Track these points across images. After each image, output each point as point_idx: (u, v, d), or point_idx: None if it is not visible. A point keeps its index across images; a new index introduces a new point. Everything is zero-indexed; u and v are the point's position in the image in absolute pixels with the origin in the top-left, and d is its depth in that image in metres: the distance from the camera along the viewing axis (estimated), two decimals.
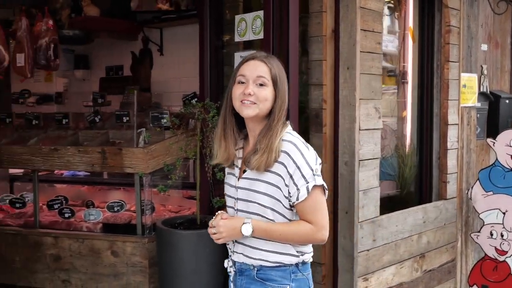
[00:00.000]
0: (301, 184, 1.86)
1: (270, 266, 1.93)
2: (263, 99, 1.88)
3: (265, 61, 1.93)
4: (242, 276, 1.98)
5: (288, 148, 1.87)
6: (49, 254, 3.67)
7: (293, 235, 1.90)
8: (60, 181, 4.47)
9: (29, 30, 4.12)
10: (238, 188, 1.95)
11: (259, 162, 1.85)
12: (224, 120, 1.96)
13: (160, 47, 5.36)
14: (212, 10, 3.60)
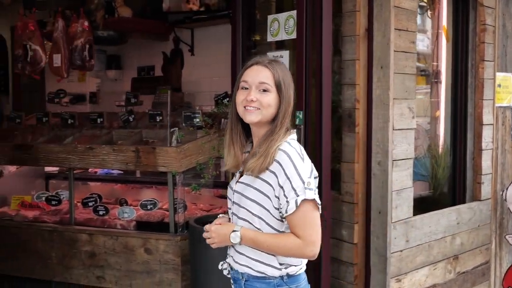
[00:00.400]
0: (291, 196, 1.81)
1: (255, 276, 1.90)
2: (266, 105, 1.85)
3: (268, 66, 1.89)
4: (236, 284, 1.97)
5: (281, 158, 1.82)
6: (84, 251, 3.75)
7: (280, 248, 1.85)
8: (94, 179, 4.56)
9: (65, 31, 4.22)
10: (235, 191, 1.94)
11: (254, 165, 1.83)
12: (231, 126, 1.96)
13: (191, 47, 5.41)
14: (244, 10, 3.63)
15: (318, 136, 2.96)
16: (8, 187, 4.32)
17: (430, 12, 3.92)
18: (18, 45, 4.37)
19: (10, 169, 4.40)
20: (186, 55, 5.45)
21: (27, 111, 4.87)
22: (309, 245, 1.83)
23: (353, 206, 3.04)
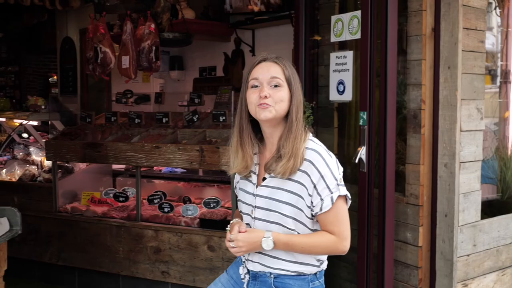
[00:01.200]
0: (325, 194, 1.81)
1: (289, 275, 1.89)
2: (279, 100, 1.83)
3: (277, 62, 1.87)
4: (255, 281, 1.95)
5: (312, 156, 1.81)
6: (149, 246, 3.87)
7: (316, 247, 1.84)
8: (158, 177, 4.69)
9: (133, 33, 4.36)
10: (257, 196, 1.89)
11: (285, 168, 1.79)
12: (240, 127, 1.91)
13: (252, 48, 5.48)
14: (307, 11, 3.64)
15: (382, 137, 2.93)
16: (78, 184, 4.51)
17: (499, 10, 3.79)
18: (90, 48, 4.57)
19: (81, 166, 4.60)
20: (247, 55, 5.53)
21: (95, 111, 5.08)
22: (343, 240, 1.85)
23: (418, 208, 2.99)
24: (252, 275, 1.95)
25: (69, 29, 7.97)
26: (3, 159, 5.23)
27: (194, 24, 5.08)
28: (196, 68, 6.23)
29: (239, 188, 2.00)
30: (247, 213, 1.94)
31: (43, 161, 4.78)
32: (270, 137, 1.90)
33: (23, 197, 4.46)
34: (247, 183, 1.95)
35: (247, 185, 1.94)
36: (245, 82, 1.90)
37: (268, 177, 1.87)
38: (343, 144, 3.52)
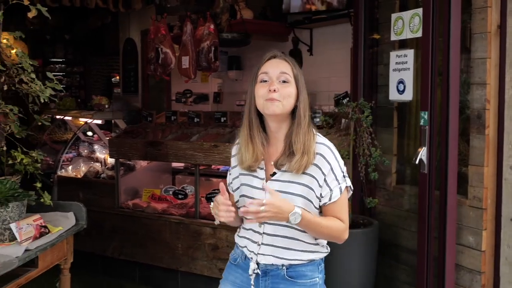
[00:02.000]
0: (334, 185, 1.90)
1: (302, 264, 1.95)
2: (287, 95, 1.88)
3: (287, 60, 1.94)
4: (266, 276, 1.97)
5: (323, 150, 1.90)
6: (207, 243, 3.94)
7: (331, 230, 1.92)
8: (215, 175, 4.76)
9: (193, 34, 4.44)
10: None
11: (300, 164, 1.85)
12: (250, 122, 1.94)
13: (309, 47, 5.46)
14: (366, 9, 3.60)
15: (444, 137, 2.86)
16: (139, 181, 4.65)
17: None
18: (151, 49, 4.69)
19: (142, 164, 4.73)
20: (305, 55, 5.50)
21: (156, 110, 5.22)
22: (347, 229, 1.96)
23: (482, 211, 2.90)
24: (262, 270, 1.97)
25: (131, 30, 8.20)
26: (70, 156, 5.45)
27: (252, 24, 5.11)
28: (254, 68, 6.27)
29: (242, 183, 2.00)
30: None
31: (107, 158, 4.95)
32: (276, 133, 1.95)
33: (87, 193, 4.64)
34: (252, 178, 1.97)
35: (253, 180, 1.96)
36: (254, 77, 1.95)
37: (279, 172, 1.92)
38: (402, 145, 3.45)
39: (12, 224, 2.44)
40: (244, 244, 2.00)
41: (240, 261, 2.03)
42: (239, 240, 2.05)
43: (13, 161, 2.69)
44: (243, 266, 2.02)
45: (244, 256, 2.02)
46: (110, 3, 6.65)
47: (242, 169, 1.99)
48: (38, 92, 2.41)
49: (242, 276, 2.03)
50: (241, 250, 2.03)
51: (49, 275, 2.73)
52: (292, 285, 1.95)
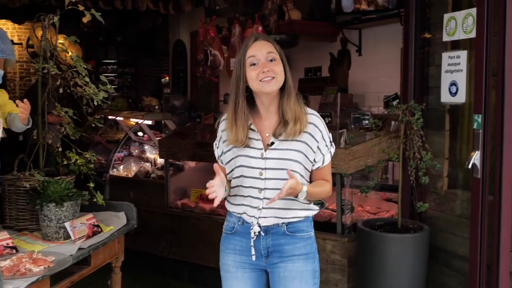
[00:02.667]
0: (325, 151, 2.17)
1: (299, 220, 2.17)
2: (279, 72, 2.07)
3: (268, 40, 2.13)
4: (266, 235, 2.15)
5: (313, 119, 2.14)
6: None
7: (323, 193, 2.17)
8: None
9: (241, 36, 4.47)
10: (266, 158, 2.10)
11: (295, 130, 2.07)
12: (235, 105, 2.11)
13: (358, 48, 5.39)
14: (417, 9, 3.52)
15: (499, 141, 2.77)
16: (188, 181, 4.71)
17: None
18: (200, 50, 4.75)
19: (190, 164, 4.79)
20: (354, 56, 5.45)
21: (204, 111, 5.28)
22: (331, 186, 2.23)
23: None
24: (264, 230, 2.14)
25: (181, 32, 8.34)
26: (121, 155, 5.59)
27: (300, 25, 5.09)
28: (302, 69, 6.24)
29: (238, 154, 2.15)
30: (252, 176, 2.12)
31: (156, 158, 5.05)
32: (268, 107, 2.14)
33: (138, 192, 4.75)
34: (248, 149, 2.13)
35: (250, 151, 2.13)
36: (240, 62, 2.11)
37: (277, 141, 2.11)
38: (454, 148, 3.36)
39: (67, 223, 2.52)
40: (243, 210, 2.16)
41: (238, 228, 2.20)
42: (235, 208, 2.20)
43: (68, 161, 2.78)
44: (241, 231, 2.19)
45: (242, 222, 2.18)
46: (161, 5, 6.78)
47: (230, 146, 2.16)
48: (92, 95, 2.49)
49: (241, 242, 2.19)
50: (237, 217, 2.19)
51: (101, 273, 2.81)
52: (292, 239, 2.16)
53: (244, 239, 2.18)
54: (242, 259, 2.20)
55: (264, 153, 2.11)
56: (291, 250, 2.16)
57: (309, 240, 2.20)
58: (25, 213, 2.68)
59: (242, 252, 2.19)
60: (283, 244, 2.15)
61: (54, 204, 2.52)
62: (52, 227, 2.55)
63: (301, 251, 2.17)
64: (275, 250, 2.16)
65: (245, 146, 2.12)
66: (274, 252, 2.16)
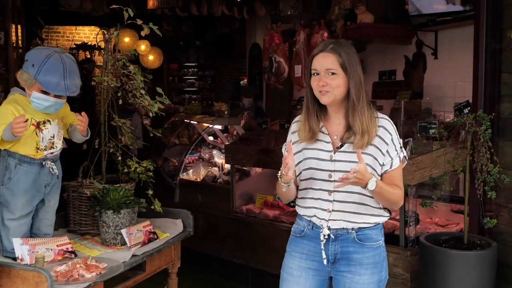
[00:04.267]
0: (394, 154, 2.15)
1: (369, 227, 2.16)
2: (336, 86, 2.09)
3: (332, 52, 2.11)
4: (336, 241, 2.16)
5: (384, 123, 2.15)
6: None
7: (394, 196, 2.14)
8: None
9: (306, 42, 4.43)
10: (335, 161, 2.13)
11: (362, 143, 2.08)
12: (308, 107, 2.18)
13: (434, 51, 5.17)
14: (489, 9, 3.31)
15: None
16: (254, 186, 4.74)
17: None
18: (266, 57, 4.76)
19: (256, 170, 4.82)
20: (429, 59, 5.23)
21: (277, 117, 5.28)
22: (403, 194, 2.20)
23: None
24: (333, 235, 2.15)
25: (257, 35, 8.41)
26: (194, 158, 5.72)
27: (371, 28, 4.96)
28: (376, 72, 6.09)
29: (307, 157, 2.18)
30: (321, 178, 2.15)
31: (223, 163, 5.12)
32: (335, 114, 2.19)
33: (205, 196, 4.84)
34: (318, 152, 2.17)
35: (319, 153, 2.17)
36: (308, 71, 2.18)
37: (346, 144, 2.14)
38: None
39: (123, 229, 2.62)
40: (313, 213, 2.18)
41: (307, 231, 2.21)
42: (306, 211, 2.22)
43: (128, 169, 2.89)
44: (310, 235, 2.20)
45: (311, 226, 2.20)
46: (235, 10, 6.89)
47: (307, 144, 2.19)
48: (147, 106, 2.57)
49: (309, 245, 2.21)
50: (308, 220, 2.21)
51: (157, 278, 2.89)
52: (361, 248, 2.16)
53: (312, 243, 2.20)
54: (307, 264, 2.22)
55: (333, 156, 2.14)
56: (359, 259, 2.16)
57: (378, 249, 2.19)
58: (87, 219, 2.82)
59: (309, 256, 2.21)
60: (352, 252, 2.16)
61: (112, 211, 2.63)
62: (110, 233, 2.66)
63: (369, 261, 2.17)
64: (343, 257, 2.17)
65: (314, 148, 2.18)
66: (342, 260, 2.17)
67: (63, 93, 2.29)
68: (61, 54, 2.33)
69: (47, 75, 2.23)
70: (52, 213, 2.54)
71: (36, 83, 2.28)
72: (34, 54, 2.31)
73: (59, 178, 2.51)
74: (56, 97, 2.32)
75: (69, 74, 2.27)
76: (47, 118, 2.36)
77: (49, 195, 2.48)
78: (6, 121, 2.24)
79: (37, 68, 2.24)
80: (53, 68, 2.25)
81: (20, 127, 2.16)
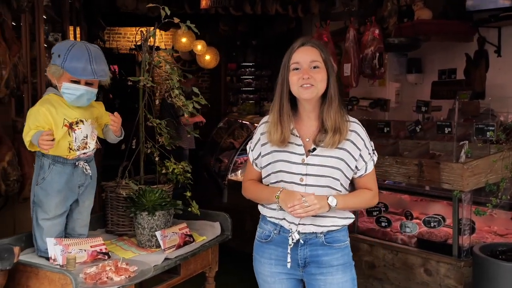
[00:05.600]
0: (368, 158, 2.18)
1: (337, 229, 2.17)
2: (319, 80, 2.07)
3: (315, 46, 2.11)
4: (305, 245, 2.15)
5: (355, 127, 2.15)
6: (364, 261, 3.75)
7: (363, 203, 2.26)
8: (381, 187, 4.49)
9: (356, 40, 4.26)
10: (308, 164, 2.10)
11: (333, 140, 2.07)
12: (280, 107, 2.12)
13: (497, 48, 4.86)
14: None
15: None
16: None
17: None
18: None
19: None
20: (492, 57, 4.93)
21: None
22: (376, 195, 2.26)
23: None
24: (303, 239, 2.14)
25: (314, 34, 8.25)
26: (244, 158, 5.65)
27: (429, 25, 4.71)
28: (435, 71, 5.79)
29: (278, 159, 2.14)
30: (292, 181, 2.12)
31: None
32: (309, 113, 2.15)
33: None
34: (289, 154, 2.13)
35: (291, 156, 2.13)
36: (285, 66, 2.12)
37: (318, 147, 2.11)
38: None
39: (158, 232, 2.58)
40: (282, 216, 2.17)
41: (274, 236, 2.20)
42: (274, 213, 2.19)
43: (166, 170, 2.85)
44: (277, 240, 2.19)
45: (278, 230, 2.19)
46: (290, 9, 6.78)
47: (277, 146, 2.14)
48: (182, 107, 2.52)
49: (277, 251, 2.20)
50: (274, 223, 2.20)
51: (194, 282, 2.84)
52: (330, 249, 2.17)
53: (280, 248, 2.19)
54: (278, 268, 2.22)
55: (305, 159, 2.12)
56: (328, 261, 2.17)
57: (346, 249, 2.22)
58: (125, 219, 2.80)
59: (278, 261, 2.20)
60: (321, 255, 2.16)
61: (146, 212, 2.59)
62: (145, 235, 2.62)
63: (339, 262, 2.18)
64: (313, 260, 2.17)
65: (285, 150, 2.14)
66: (312, 263, 2.18)
67: (91, 77, 2.26)
68: (85, 43, 2.34)
69: (72, 61, 2.23)
70: (87, 214, 2.53)
71: (64, 73, 2.27)
72: (59, 45, 2.32)
73: (93, 178, 2.50)
74: (87, 85, 2.31)
75: (94, 59, 2.26)
76: (80, 118, 2.35)
77: (83, 196, 2.47)
78: (37, 123, 2.24)
79: (63, 57, 2.24)
80: (78, 54, 2.24)
81: (45, 144, 2.17)
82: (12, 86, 3.11)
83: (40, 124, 2.24)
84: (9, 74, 3.05)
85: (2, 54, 3.05)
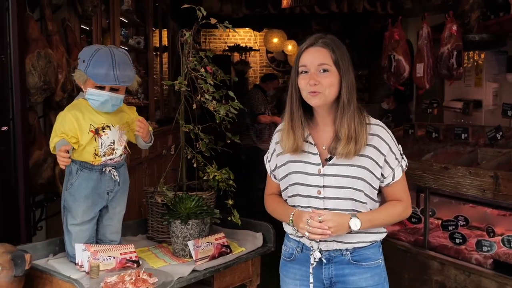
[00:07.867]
0: (395, 165, 1.95)
1: (365, 246, 1.96)
2: (328, 85, 1.87)
3: (324, 46, 1.89)
4: (329, 264, 1.97)
5: (377, 130, 1.93)
6: (434, 280, 3.41)
7: (393, 217, 1.99)
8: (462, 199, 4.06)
9: (429, 38, 3.89)
10: (325, 175, 1.90)
11: (347, 150, 1.86)
12: (291, 112, 1.96)
13: None
14: None
15: None
16: None
17: None
18: (384, 56, 4.30)
19: None
20: None
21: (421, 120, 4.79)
22: (409, 206, 2.03)
23: None
24: (326, 258, 1.97)
25: (409, 32, 7.78)
26: None
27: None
28: None
29: (293, 171, 1.97)
30: (308, 195, 1.94)
31: None
32: (324, 118, 1.97)
33: None
34: (304, 165, 1.95)
35: (306, 167, 1.94)
36: (295, 67, 1.94)
37: (336, 156, 1.92)
38: None
39: (190, 241, 2.48)
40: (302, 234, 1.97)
41: (297, 254, 2.04)
42: (294, 230, 2.02)
43: (207, 177, 2.75)
44: (301, 259, 2.03)
45: (301, 248, 2.03)
46: (378, 6, 6.45)
47: (292, 156, 1.97)
48: (213, 111, 2.42)
49: (301, 270, 2.03)
50: (296, 241, 2.04)
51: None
52: (358, 269, 1.97)
53: (303, 267, 2.03)
54: None
55: (321, 169, 1.94)
56: (356, 281, 1.98)
57: (377, 269, 2.02)
58: (164, 226, 2.73)
59: (302, 282, 2.04)
60: (348, 274, 1.98)
61: (180, 221, 2.51)
62: (179, 244, 2.54)
63: (368, 282, 1.99)
64: (339, 281, 2.00)
65: (300, 160, 1.97)
66: (338, 283, 2.01)
67: (113, 83, 2.21)
68: (111, 48, 2.28)
69: (95, 67, 2.19)
70: (118, 220, 2.50)
71: (88, 79, 2.25)
72: (85, 50, 2.29)
73: (124, 184, 2.46)
74: (112, 91, 2.26)
75: (118, 65, 2.20)
76: (107, 124, 2.32)
77: (113, 202, 2.44)
78: (63, 129, 2.24)
79: (87, 62, 2.21)
80: (101, 60, 2.20)
81: (61, 160, 2.16)
82: (69, 89, 3.18)
83: (65, 131, 2.24)
84: (65, 78, 3.11)
85: (59, 58, 3.12)
